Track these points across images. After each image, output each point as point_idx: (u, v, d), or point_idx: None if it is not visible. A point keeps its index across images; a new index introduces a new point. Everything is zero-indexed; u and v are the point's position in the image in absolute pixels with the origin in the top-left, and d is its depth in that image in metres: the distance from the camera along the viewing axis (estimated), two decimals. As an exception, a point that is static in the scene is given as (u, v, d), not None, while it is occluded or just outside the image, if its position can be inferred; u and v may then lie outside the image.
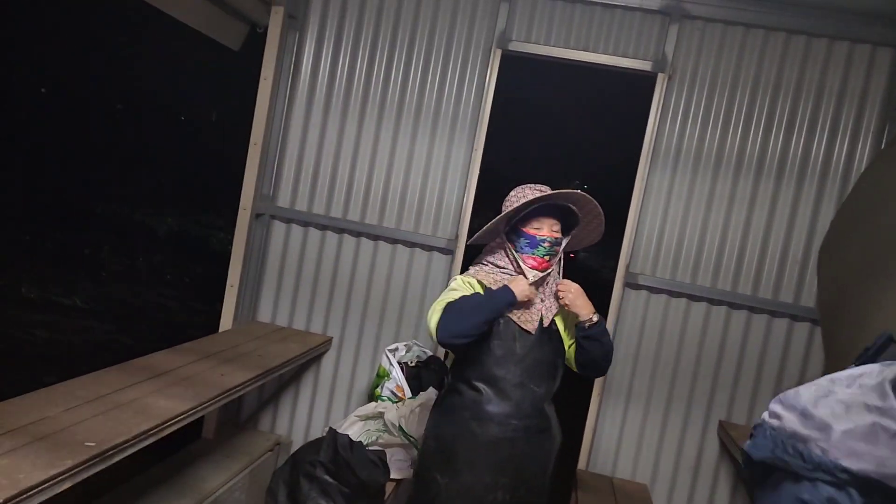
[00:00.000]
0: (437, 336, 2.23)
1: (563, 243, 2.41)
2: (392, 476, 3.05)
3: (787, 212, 3.45)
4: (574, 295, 2.34)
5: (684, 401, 3.56)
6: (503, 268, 2.38)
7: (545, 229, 2.33)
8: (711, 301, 3.52)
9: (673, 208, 3.54)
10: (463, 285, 2.37)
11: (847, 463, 0.93)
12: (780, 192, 3.45)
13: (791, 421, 1.04)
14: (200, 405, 2.45)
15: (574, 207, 2.37)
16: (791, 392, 1.09)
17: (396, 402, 3.48)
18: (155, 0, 3.05)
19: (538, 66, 4.11)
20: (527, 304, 2.35)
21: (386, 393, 3.49)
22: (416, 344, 3.69)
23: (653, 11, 3.49)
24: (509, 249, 2.36)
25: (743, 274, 3.50)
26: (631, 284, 3.58)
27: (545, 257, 2.33)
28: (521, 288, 2.28)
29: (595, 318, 2.33)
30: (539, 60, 3.72)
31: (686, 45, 3.49)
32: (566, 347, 2.44)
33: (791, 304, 3.43)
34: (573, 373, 2.49)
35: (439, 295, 2.40)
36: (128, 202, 13.17)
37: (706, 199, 3.52)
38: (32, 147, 14.10)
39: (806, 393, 1.06)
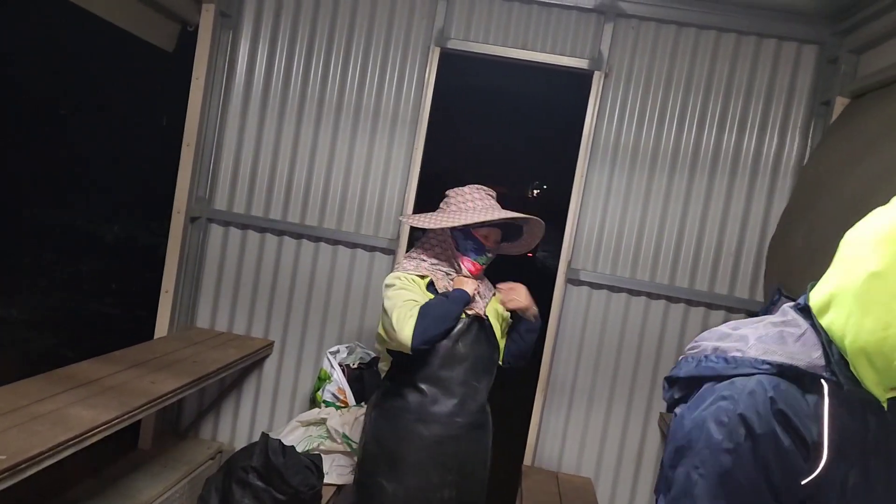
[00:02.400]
0: (412, 343, 2.22)
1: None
2: (332, 481, 3.00)
3: (721, 206, 3.51)
4: (525, 297, 2.46)
5: (626, 394, 3.60)
6: (440, 264, 2.41)
7: (491, 239, 2.43)
8: (650, 295, 3.57)
9: (612, 204, 3.58)
10: (409, 283, 2.37)
11: (765, 357, 1.09)
12: (714, 186, 3.52)
13: (710, 342, 1.18)
14: (125, 414, 2.36)
15: (522, 225, 2.51)
16: (705, 332, 1.23)
17: (340, 408, 3.44)
18: (82, 1, 2.95)
19: (481, 66, 4.13)
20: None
21: (327, 396, 3.44)
22: (358, 346, 3.65)
23: (588, 10, 3.52)
24: (451, 248, 2.40)
25: (680, 268, 3.55)
26: (573, 281, 3.60)
27: (483, 265, 2.46)
28: (471, 288, 2.37)
29: (537, 315, 2.52)
30: (481, 59, 3.72)
31: (621, 44, 3.53)
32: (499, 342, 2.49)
33: (726, 296, 3.49)
34: (519, 372, 2.58)
35: (383, 295, 2.39)
36: (72, 209, 12.77)
37: (643, 195, 3.56)
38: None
39: (718, 329, 1.21)
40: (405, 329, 2.22)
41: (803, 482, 1.06)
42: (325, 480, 2.99)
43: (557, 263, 3.63)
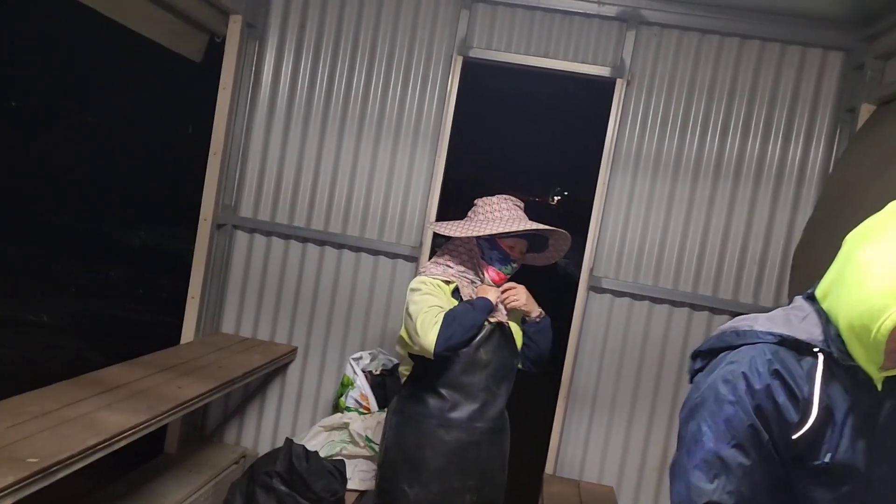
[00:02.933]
0: (435, 349, 2.25)
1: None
2: (355, 487, 3.02)
3: (745, 214, 3.49)
4: (525, 296, 2.46)
5: (649, 402, 3.58)
6: (466, 272, 2.45)
7: (517, 249, 2.45)
8: (673, 303, 3.55)
9: (634, 212, 3.57)
10: (435, 288, 2.40)
11: (768, 329, 1.28)
12: (738, 194, 3.50)
13: (727, 325, 1.38)
14: (153, 418, 2.41)
15: (549, 237, 2.53)
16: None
17: (363, 414, 3.47)
18: (113, 13, 3.03)
19: (504, 74, 4.15)
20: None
21: (350, 402, 3.47)
22: (381, 352, 3.68)
23: (610, 18, 3.53)
24: (477, 256, 2.43)
25: (703, 275, 3.53)
26: (595, 288, 3.59)
27: (507, 275, 2.48)
28: (494, 296, 2.40)
29: (542, 312, 2.52)
30: (503, 68, 3.74)
31: (643, 51, 3.53)
32: (519, 349, 2.50)
33: (751, 305, 3.46)
34: (539, 380, 2.59)
35: (406, 301, 2.42)
36: (99, 217, 13.01)
37: (666, 203, 3.55)
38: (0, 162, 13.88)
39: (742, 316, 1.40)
40: (429, 335, 2.24)
41: (794, 436, 1.23)
42: (349, 486, 3.01)
43: (578, 271, 3.63)
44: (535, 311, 2.49)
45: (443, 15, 3.65)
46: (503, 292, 2.45)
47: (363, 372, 3.50)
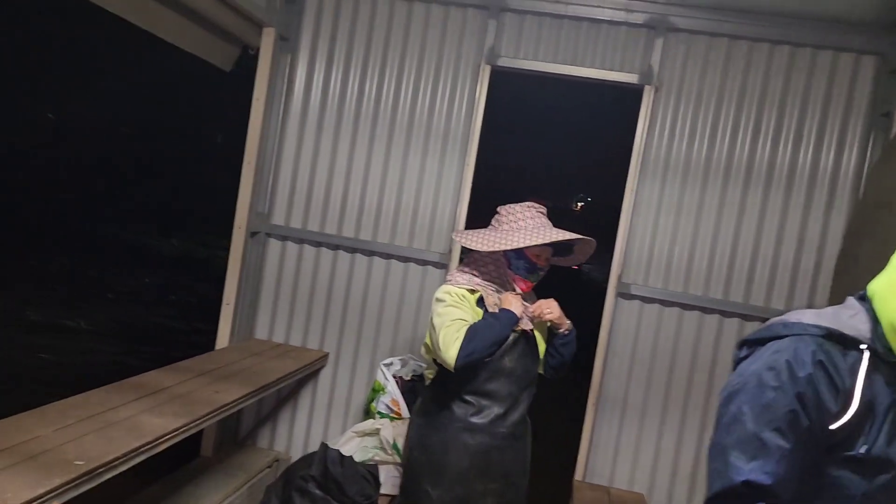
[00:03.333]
0: (455, 364, 2.28)
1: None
2: (386, 492, 3.06)
3: (777, 220, 3.47)
4: (558, 311, 2.49)
5: (680, 409, 3.56)
6: (492, 281, 2.47)
7: (543, 258, 2.47)
8: (704, 309, 3.53)
9: (663, 218, 3.57)
10: (460, 300, 2.43)
11: (816, 322, 1.32)
12: (769, 200, 3.47)
13: (776, 318, 1.42)
14: (193, 422, 2.47)
15: (574, 245, 2.58)
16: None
17: (394, 419, 3.50)
18: (147, 24, 3.12)
19: (532, 83, 4.18)
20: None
21: (381, 408, 3.51)
22: (411, 358, 3.72)
23: (638, 25, 3.54)
24: (503, 266, 2.45)
25: (734, 282, 3.51)
26: (623, 294, 3.59)
27: (534, 283, 2.53)
28: (518, 307, 2.42)
29: (570, 323, 2.55)
30: (530, 76, 3.77)
31: (672, 58, 3.53)
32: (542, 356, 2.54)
33: (783, 311, 3.41)
34: (568, 386, 2.63)
35: (431, 311, 2.46)
36: (133, 225, 13.28)
37: (696, 209, 3.54)
38: (37, 172, 14.25)
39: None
40: (451, 350, 2.28)
41: (832, 427, 1.26)
42: (381, 491, 3.05)
43: (602, 276, 3.64)
44: (566, 324, 2.52)
45: (471, 25, 3.69)
46: (536, 307, 2.47)
47: (394, 377, 3.54)
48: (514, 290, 2.49)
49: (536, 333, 2.50)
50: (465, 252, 2.70)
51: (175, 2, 3.11)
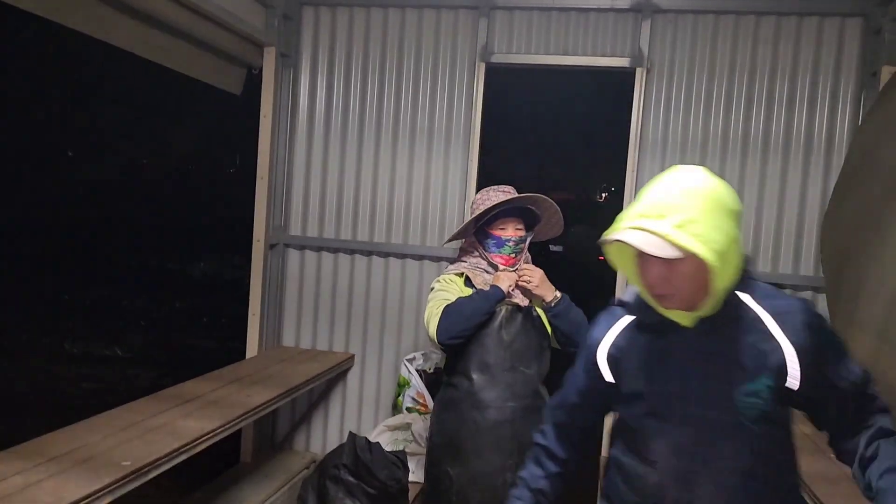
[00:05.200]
0: (437, 338, 2.44)
1: (528, 240, 2.62)
2: (418, 480, 3.18)
3: (777, 186, 3.54)
4: (538, 279, 2.52)
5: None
6: (478, 263, 2.58)
7: (510, 229, 2.56)
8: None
9: (666, 195, 3.64)
10: (448, 284, 2.58)
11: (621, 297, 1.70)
12: (768, 168, 3.54)
13: None
14: (228, 423, 2.63)
15: (533, 208, 2.60)
16: None
17: (423, 414, 3.63)
18: (155, 56, 3.29)
19: (540, 78, 4.29)
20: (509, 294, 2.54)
21: (408, 401, 3.64)
22: (433, 352, 3.84)
23: (625, 10, 3.63)
24: (480, 249, 2.56)
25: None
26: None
27: (511, 255, 2.57)
28: (507, 282, 2.49)
29: (558, 296, 2.54)
30: (527, 70, 3.88)
31: (660, 39, 3.62)
32: (549, 330, 2.60)
33: (790, 275, 3.50)
34: None
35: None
36: (162, 251, 13.61)
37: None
38: (65, 208, 14.67)
39: None
40: (430, 326, 2.47)
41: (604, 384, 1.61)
42: (411, 478, 3.18)
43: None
44: (548, 295, 2.52)
45: (463, 25, 3.82)
46: (519, 271, 2.54)
47: (417, 371, 3.67)
48: (497, 268, 2.56)
49: (538, 308, 2.58)
50: None
51: (181, 32, 3.27)
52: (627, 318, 1.61)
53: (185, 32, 3.28)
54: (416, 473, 3.27)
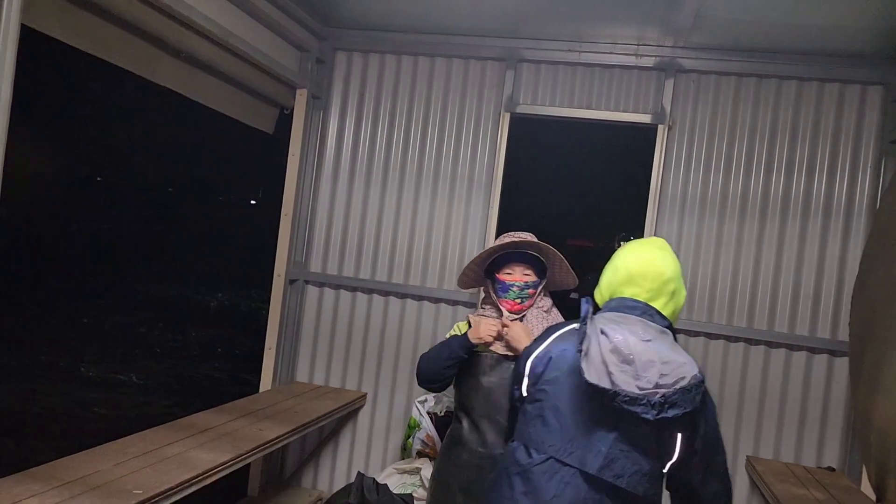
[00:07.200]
0: (417, 378, 2.67)
1: (539, 286, 2.62)
2: (422, 523, 3.17)
3: (795, 249, 3.55)
4: (518, 333, 2.50)
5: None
6: (490, 309, 2.62)
7: (516, 274, 2.60)
8: (729, 338, 3.60)
9: (683, 252, 3.66)
10: (455, 330, 2.71)
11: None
12: (787, 230, 3.56)
13: None
14: (239, 457, 2.65)
15: (538, 255, 2.64)
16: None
17: (433, 459, 3.62)
18: (194, 94, 3.41)
19: (564, 131, 4.38)
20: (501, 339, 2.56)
21: (417, 444, 3.64)
22: (445, 395, 3.84)
23: (648, 69, 3.72)
24: (491, 293, 2.61)
25: (757, 311, 3.58)
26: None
27: (516, 300, 2.58)
28: (482, 330, 2.52)
29: None
30: (549, 123, 3.97)
31: (683, 97, 3.69)
32: None
33: (807, 337, 3.49)
34: None
35: None
36: (180, 282, 13.77)
37: (715, 242, 3.64)
38: (88, 234, 14.93)
39: None
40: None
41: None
42: (418, 523, 3.16)
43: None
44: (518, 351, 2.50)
45: (490, 76, 3.92)
46: (504, 329, 2.54)
47: (428, 414, 3.67)
48: (505, 314, 2.58)
49: None
50: None
51: (220, 72, 3.40)
52: None
53: (224, 73, 3.40)
54: (421, 517, 3.25)
